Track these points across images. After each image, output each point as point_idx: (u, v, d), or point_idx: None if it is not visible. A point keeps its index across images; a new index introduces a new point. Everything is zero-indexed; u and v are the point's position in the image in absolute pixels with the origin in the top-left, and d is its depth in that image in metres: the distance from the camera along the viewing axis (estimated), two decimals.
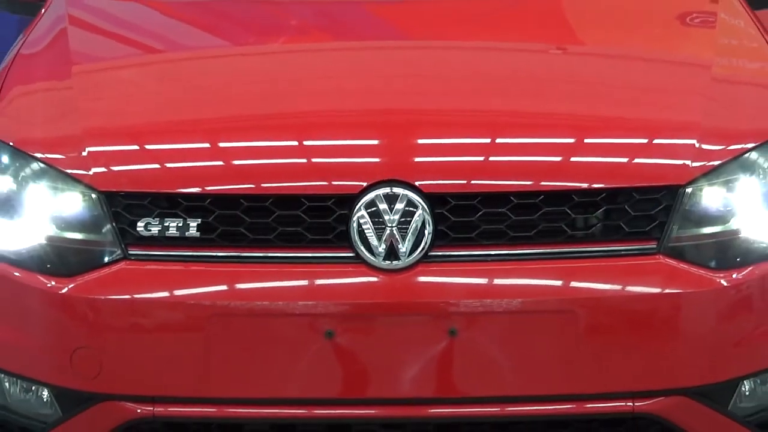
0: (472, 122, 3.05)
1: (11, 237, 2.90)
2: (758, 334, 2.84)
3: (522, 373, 2.77)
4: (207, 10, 3.77)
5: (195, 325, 2.75)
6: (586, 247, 2.79)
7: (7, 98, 3.18)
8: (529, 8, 3.74)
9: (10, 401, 2.94)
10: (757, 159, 2.92)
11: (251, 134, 3.03)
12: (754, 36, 3.47)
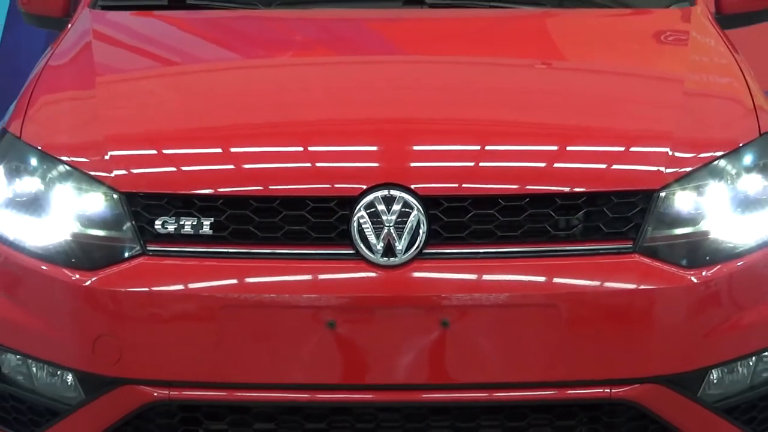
0: (463, 130, 3.04)
1: (39, 234, 2.89)
2: (725, 328, 2.84)
3: (508, 362, 2.77)
4: (220, 26, 3.78)
5: (208, 315, 2.75)
6: (568, 246, 2.79)
7: (36, 106, 3.17)
8: (516, 27, 3.75)
9: (37, 385, 2.94)
10: (725, 166, 2.92)
11: (260, 140, 3.03)
12: (723, 53, 3.47)
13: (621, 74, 3.49)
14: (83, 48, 3.50)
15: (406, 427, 2.81)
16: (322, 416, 2.81)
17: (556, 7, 3.85)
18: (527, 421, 2.82)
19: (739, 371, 2.92)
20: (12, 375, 2.99)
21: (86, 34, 3.58)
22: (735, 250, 2.87)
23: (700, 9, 3.79)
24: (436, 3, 3.76)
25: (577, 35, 3.72)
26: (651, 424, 2.83)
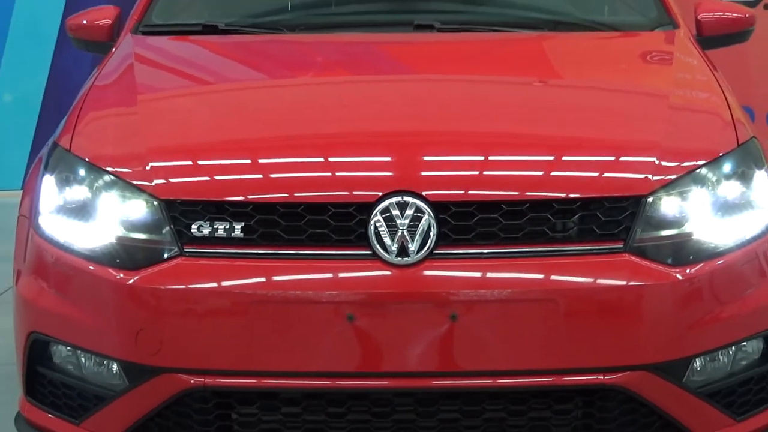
0: (469, 142, 3.04)
1: (87, 237, 2.90)
2: (708, 320, 2.83)
3: (511, 351, 2.76)
4: (248, 49, 3.79)
5: (239, 310, 2.75)
6: (565, 246, 2.79)
7: (84, 122, 3.18)
8: (516, 48, 3.75)
9: (85, 373, 2.95)
10: (707, 174, 2.92)
11: (286, 152, 3.03)
12: (704, 71, 3.47)
13: (612, 90, 3.49)
14: (126, 69, 3.51)
15: (418, 410, 2.80)
16: (342, 401, 2.80)
17: (552, 30, 3.84)
18: (528, 405, 2.81)
19: (720, 359, 2.91)
20: (63, 364, 3.00)
21: (128, 57, 3.59)
22: (716, 250, 2.86)
23: (683, 32, 3.79)
24: (444, 28, 3.76)
25: (571, 56, 3.71)
26: (640, 407, 2.82)
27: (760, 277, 2.94)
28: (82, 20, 4.03)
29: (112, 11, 4.02)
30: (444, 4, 4.16)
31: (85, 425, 2.95)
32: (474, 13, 4.06)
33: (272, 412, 2.82)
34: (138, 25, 3.87)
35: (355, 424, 2.82)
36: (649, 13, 3.91)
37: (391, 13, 4.05)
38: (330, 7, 4.13)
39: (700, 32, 3.92)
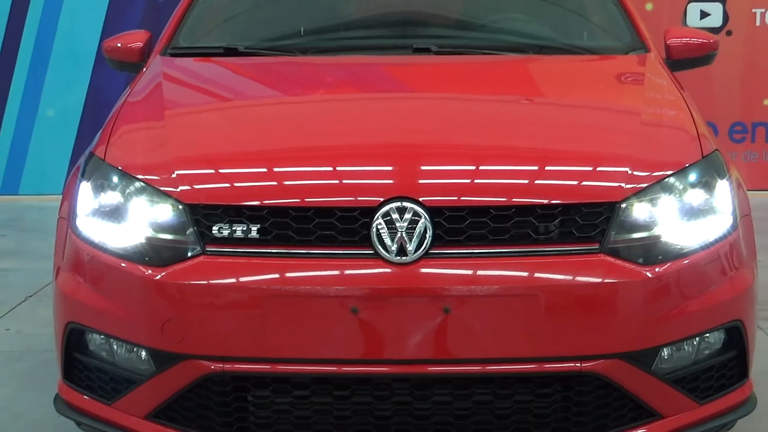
0: (461, 154, 3.04)
1: (119, 237, 2.90)
2: (674, 314, 2.83)
3: (498, 341, 2.76)
4: (265, 69, 3.79)
5: (255, 303, 2.75)
6: (546, 247, 2.78)
7: (117, 134, 3.18)
8: (504, 70, 3.75)
9: (117, 359, 2.95)
10: (674, 183, 2.92)
11: (297, 161, 3.02)
12: (672, 91, 3.46)
13: (589, 107, 3.48)
14: (155, 87, 3.51)
15: (414, 394, 2.80)
16: (347, 385, 2.80)
17: (537, 54, 3.84)
18: (513, 390, 2.80)
19: (685, 349, 2.91)
20: (97, 351, 3.00)
21: (158, 76, 3.59)
22: (682, 251, 2.86)
23: (654, 55, 3.79)
24: (440, 51, 3.75)
25: (554, 76, 3.71)
26: (613, 392, 2.82)
27: (721, 275, 2.93)
28: (116, 43, 4.04)
29: (143, 35, 4.04)
30: (440, 29, 4.16)
31: (116, 406, 2.94)
32: (467, 38, 4.06)
33: (284, 394, 2.82)
34: (166, 47, 3.88)
35: (358, 405, 2.81)
36: (624, 38, 3.92)
37: (392, 37, 4.05)
38: (338, 32, 4.14)
39: (669, 56, 3.93)
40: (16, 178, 7.82)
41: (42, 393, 3.63)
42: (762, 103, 7.73)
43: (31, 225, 6.82)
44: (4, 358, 4.27)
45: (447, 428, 2.82)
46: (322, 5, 4.31)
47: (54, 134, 7.77)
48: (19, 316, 4.86)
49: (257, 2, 4.35)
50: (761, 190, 7.22)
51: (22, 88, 7.75)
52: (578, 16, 4.26)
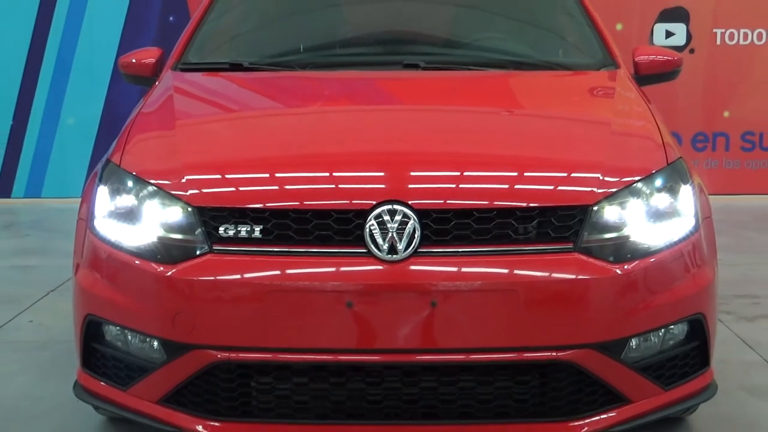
0: (447, 161, 3.04)
1: (133, 237, 2.90)
2: (642, 307, 2.83)
3: (480, 332, 2.76)
4: (267, 83, 3.78)
5: (258, 297, 2.74)
6: (525, 246, 2.78)
7: (132, 142, 3.18)
8: (487, 84, 3.74)
9: (131, 349, 2.94)
10: (641, 187, 2.92)
11: (296, 167, 3.02)
12: (640, 103, 3.47)
13: (564, 118, 3.48)
14: (167, 99, 3.51)
15: (404, 380, 2.80)
16: (342, 372, 2.80)
17: (516, 70, 3.84)
18: (494, 377, 2.81)
19: (651, 340, 2.91)
20: (113, 341, 2.99)
21: (169, 89, 3.58)
22: (649, 250, 2.86)
23: (623, 71, 3.80)
24: (428, 66, 3.75)
25: (532, 90, 3.71)
26: (586, 378, 2.82)
27: (684, 272, 2.94)
28: (131, 59, 4.03)
29: (155, 52, 4.03)
30: (428, 47, 4.16)
31: (130, 392, 2.94)
32: (452, 55, 4.06)
33: (284, 381, 2.82)
34: (177, 63, 3.88)
35: (352, 391, 2.81)
36: (596, 55, 3.92)
37: (384, 54, 4.05)
38: (334, 49, 4.13)
39: (637, 71, 3.93)
40: (40, 182, 7.81)
41: (62, 380, 3.62)
42: (722, 115, 7.75)
43: (53, 225, 6.81)
44: (28, 347, 4.26)
45: (434, 412, 2.82)
46: (320, 25, 4.31)
47: (74, 142, 7.75)
48: (42, 309, 4.85)
49: (260, 22, 4.35)
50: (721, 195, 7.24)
51: (45, 100, 7.74)
52: (554, 35, 4.27)
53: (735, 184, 7.73)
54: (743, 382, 3.78)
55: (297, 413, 2.84)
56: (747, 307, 4.82)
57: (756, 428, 3.39)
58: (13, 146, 7.75)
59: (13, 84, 7.70)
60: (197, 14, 4.17)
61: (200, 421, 2.85)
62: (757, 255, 5.95)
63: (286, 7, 4.44)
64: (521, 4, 4.42)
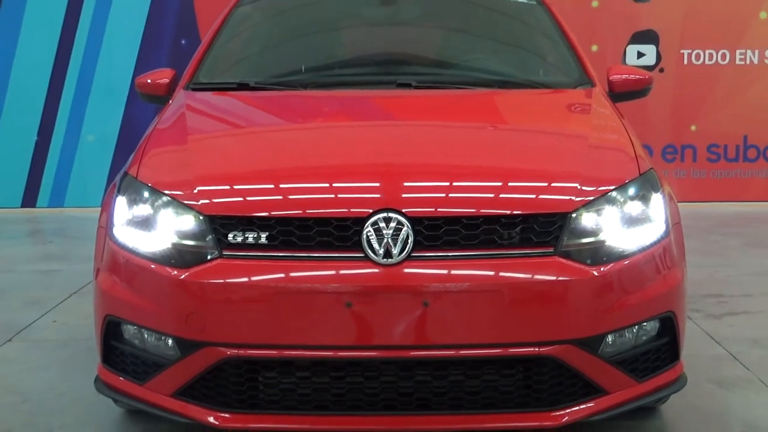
0: (438, 172, 3.04)
1: (149, 243, 2.89)
2: (617, 306, 2.83)
3: (469, 330, 2.75)
4: (272, 101, 3.77)
5: (264, 298, 2.74)
6: (509, 251, 2.78)
7: (148, 156, 3.17)
8: (474, 101, 3.74)
9: (147, 346, 2.93)
10: (616, 196, 2.92)
11: (300, 179, 3.01)
12: (614, 119, 3.47)
13: (545, 133, 3.48)
14: (179, 117, 3.50)
15: (399, 374, 2.79)
16: (342, 367, 2.80)
17: (501, 88, 3.84)
18: (482, 370, 2.80)
19: (626, 336, 2.90)
20: (131, 339, 2.98)
21: (181, 107, 3.58)
22: (623, 253, 2.86)
23: (598, 89, 3.80)
24: (419, 85, 3.76)
25: (515, 107, 3.70)
26: (566, 372, 2.81)
27: (656, 273, 2.93)
28: (147, 79, 4.03)
29: (169, 73, 4.03)
30: (419, 68, 4.16)
31: (147, 386, 2.93)
32: (442, 75, 4.06)
33: (289, 375, 2.81)
34: (189, 83, 3.87)
35: (351, 384, 2.80)
36: (573, 75, 3.93)
37: (379, 74, 4.04)
38: (333, 70, 4.14)
39: (611, 89, 3.94)
40: (62, 193, 7.81)
41: (84, 375, 3.61)
42: (690, 128, 7.77)
43: (74, 233, 6.80)
44: (52, 345, 4.25)
45: (427, 403, 2.81)
46: (320, 47, 4.32)
47: (94, 156, 7.75)
48: (64, 310, 4.84)
49: (264, 45, 4.35)
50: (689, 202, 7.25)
51: (67, 117, 7.74)
52: (535, 56, 4.28)
53: (702, 192, 7.74)
54: (711, 374, 3.79)
55: (300, 405, 2.83)
56: (714, 305, 4.82)
57: (723, 417, 3.39)
58: (38, 160, 7.75)
59: (38, 102, 7.70)
60: (207, 38, 4.17)
61: (211, 413, 2.84)
62: (723, 257, 5.96)
63: (288, 31, 4.45)
64: (505, 27, 4.43)
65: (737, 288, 5.18)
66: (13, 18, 7.62)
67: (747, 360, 3.97)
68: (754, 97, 7.69)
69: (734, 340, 4.22)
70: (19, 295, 5.11)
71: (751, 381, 3.73)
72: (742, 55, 7.66)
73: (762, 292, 5.12)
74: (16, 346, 4.25)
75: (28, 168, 7.76)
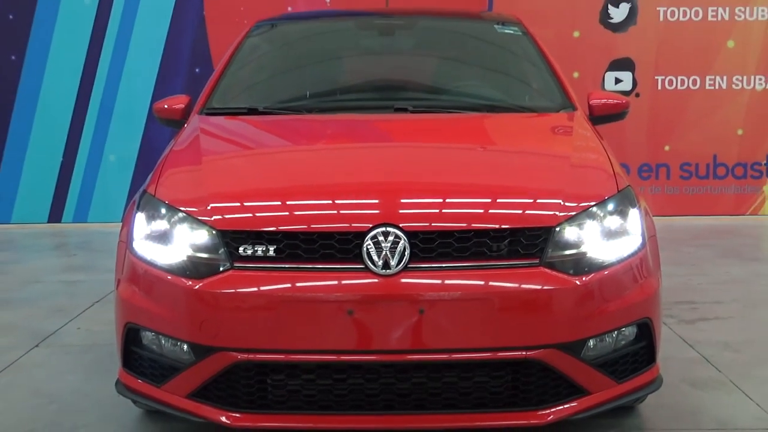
0: (433, 189, 3.03)
1: (166, 256, 2.89)
2: (597, 313, 2.83)
3: (461, 335, 2.75)
4: (279, 124, 3.77)
5: (272, 307, 2.73)
6: (498, 262, 2.78)
7: (165, 175, 3.17)
8: (465, 124, 3.73)
9: (164, 351, 2.93)
10: (596, 211, 2.92)
11: (305, 196, 3.01)
12: (594, 140, 3.47)
13: (530, 153, 3.48)
14: (194, 139, 3.50)
15: (397, 377, 2.78)
16: (344, 370, 2.79)
17: (490, 112, 3.84)
18: (473, 372, 2.80)
19: (606, 340, 2.90)
20: (149, 345, 2.97)
21: (196, 130, 3.58)
22: (603, 264, 2.86)
23: (579, 113, 3.80)
24: (415, 110, 3.76)
25: (503, 129, 3.70)
26: (551, 374, 2.81)
27: (633, 282, 2.93)
28: (164, 105, 4.03)
29: (184, 99, 4.03)
30: (415, 93, 4.17)
31: (164, 388, 2.93)
32: (436, 100, 4.07)
33: (295, 378, 2.80)
34: (202, 108, 3.87)
35: (352, 386, 2.80)
36: (556, 99, 3.93)
37: (377, 100, 4.04)
38: (335, 95, 4.14)
39: (591, 113, 3.94)
40: (86, 209, 7.81)
41: (105, 378, 3.60)
42: (664, 149, 7.77)
43: (97, 246, 6.79)
44: (76, 350, 4.24)
45: (423, 403, 2.81)
46: (323, 75, 4.33)
47: (115, 175, 7.75)
48: (88, 317, 4.83)
49: (272, 73, 4.36)
50: (663, 216, 7.26)
51: (91, 139, 7.75)
52: (521, 83, 4.28)
53: (675, 207, 7.75)
54: (685, 375, 3.78)
55: (306, 405, 2.82)
56: (687, 311, 4.82)
57: (696, 415, 3.38)
58: (63, 178, 7.76)
59: (63, 126, 7.72)
60: (219, 67, 4.18)
61: (223, 413, 2.83)
62: (695, 267, 5.95)
63: (294, 60, 4.46)
64: (493, 56, 4.44)
65: (708, 295, 5.18)
66: (41, 48, 7.64)
67: (718, 362, 3.96)
68: (723, 119, 7.71)
69: (706, 344, 4.22)
70: (45, 304, 5.10)
71: (723, 382, 3.72)
72: (712, 81, 7.67)
73: (731, 299, 5.11)
74: (43, 352, 4.24)
75: (55, 186, 7.76)
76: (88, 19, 7.61)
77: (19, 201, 7.77)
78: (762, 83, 7.68)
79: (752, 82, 7.67)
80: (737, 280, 5.56)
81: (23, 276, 5.88)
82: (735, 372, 3.83)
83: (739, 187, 7.79)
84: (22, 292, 5.42)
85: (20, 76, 7.65)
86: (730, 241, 6.81)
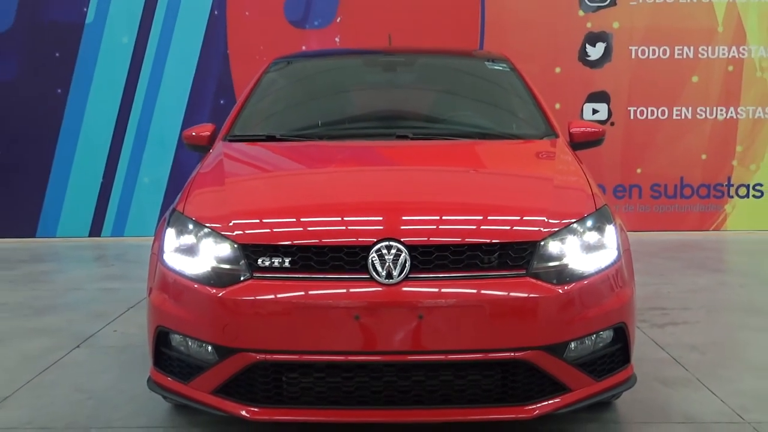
0: (431, 208, 3.02)
1: (193, 267, 2.88)
2: (578, 318, 2.81)
3: (456, 338, 2.74)
4: (294, 150, 3.76)
5: (287, 312, 2.72)
6: (489, 272, 2.77)
7: (193, 195, 3.17)
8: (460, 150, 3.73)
9: (191, 352, 2.91)
10: (577, 227, 2.91)
11: (316, 213, 3.01)
12: (574, 164, 3.46)
13: (518, 175, 3.48)
14: (218, 163, 3.49)
15: (398, 375, 2.77)
16: (351, 369, 2.77)
17: (481, 139, 3.84)
18: (467, 372, 2.78)
19: (586, 343, 2.88)
20: (177, 346, 2.96)
21: (220, 155, 3.58)
22: (583, 275, 2.85)
23: (561, 139, 3.80)
24: (415, 137, 3.75)
25: (493, 154, 3.70)
26: (537, 373, 2.79)
27: (610, 291, 2.92)
28: (192, 132, 4.04)
29: (210, 127, 4.04)
30: (415, 122, 4.16)
31: (190, 385, 2.92)
32: (433, 128, 4.07)
33: (307, 376, 2.79)
34: (226, 135, 3.88)
35: (359, 383, 2.78)
36: (540, 128, 3.93)
37: (381, 128, 4.04)
38: (344, 124, 4.14)
39: (572, 140, 3.94)
40: (123, 225, 7.81)
41: (139, 376, 3.59)
42: (636, 171, 7.77)
43: (132, 257, 6.79)
44: (113, 351, 4.23)
45: (421, 399, 2.79)
46: (333, 107, 4.33)
47: (149, 194, 7.75)
48: (123, 321, 4.82)
49: (288, 105, 4.36)
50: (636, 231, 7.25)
51: (127, 163, 7.76)
52: (509, 113, 4.28)
53: (646, 223, 7.73)
54: (656, 374, 3.76)
55: (317, 400, 2.80)
56: (658, 316, 4.79)
57: (666, 410, 3.36)
58: (103, 197, 7.77)
59: (103, 151, 7.74)
60: (241, 99, 4.19)
61: (243, 407, 2.82)
62: (664, 277, 5.93)
63: (307, 93, 4.46)
64: (484, 89, 4.44)
65: (677, 302, 5.15)
66: (84, 82, 7.67)
67: (686, 362, 3.93)
68: (689, 145, 7.71)
69: (675, 346, 4.19)
70: (86, 309, 5.09)
71: (690, 380, 3.70)
72: (678, 112, 7.69)
73: (698, 305, 5.08)
74: (83, 352, 4.22)
75: (95, 204, 7.77)
76: (125, 57, 7.65)
77: (63, 217, 7.78)
78: (723, 113, 7.69)
79: (714, 112, 7.69)
80: (703, 289, 5.54)
81: (66, 284, 5.88)
82: (701, 371, 3.80)
83: (704, 205, 7.78)
84: (65, 299, 5.41)
85: (65, 107, 7.68)
86: (696, 254, 6.78)
